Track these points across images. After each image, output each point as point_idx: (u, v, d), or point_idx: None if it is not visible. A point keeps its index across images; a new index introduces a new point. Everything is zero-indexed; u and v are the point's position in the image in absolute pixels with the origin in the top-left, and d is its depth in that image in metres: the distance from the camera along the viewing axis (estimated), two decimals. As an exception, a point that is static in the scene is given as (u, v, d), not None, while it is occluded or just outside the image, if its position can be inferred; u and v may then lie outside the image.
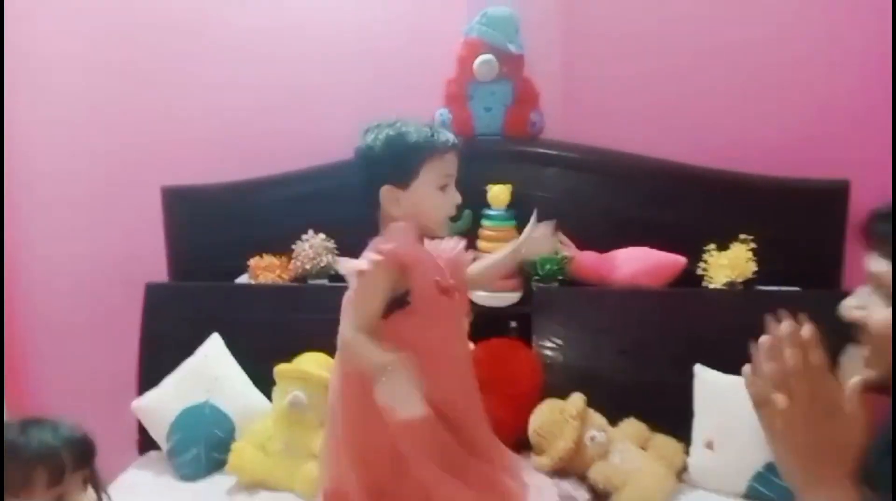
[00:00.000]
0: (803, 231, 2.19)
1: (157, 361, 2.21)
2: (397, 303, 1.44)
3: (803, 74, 2.24)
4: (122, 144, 2.42)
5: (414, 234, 1.49)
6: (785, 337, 0.86)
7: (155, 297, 2.30)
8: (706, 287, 2.14)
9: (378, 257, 1.40)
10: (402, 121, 1.51)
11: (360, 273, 1.42)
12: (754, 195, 2.19)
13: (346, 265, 1.52)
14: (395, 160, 1.47)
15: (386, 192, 1.46)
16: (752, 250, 2.11)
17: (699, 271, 2.17)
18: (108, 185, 2.46)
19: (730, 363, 2.01)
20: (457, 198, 1.52)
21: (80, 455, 1.14)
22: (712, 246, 2.15)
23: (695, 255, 2.17)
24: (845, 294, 1.62)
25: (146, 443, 2.20)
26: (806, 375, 0.84)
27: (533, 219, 1.67)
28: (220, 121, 2.41)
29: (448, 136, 1.51)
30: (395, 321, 1.45)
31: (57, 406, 2.51)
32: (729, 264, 2.11)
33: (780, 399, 0.85)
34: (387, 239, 1.46)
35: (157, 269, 2.39)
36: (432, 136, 1.48)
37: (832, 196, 2.16)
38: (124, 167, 2.44)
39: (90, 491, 1.17)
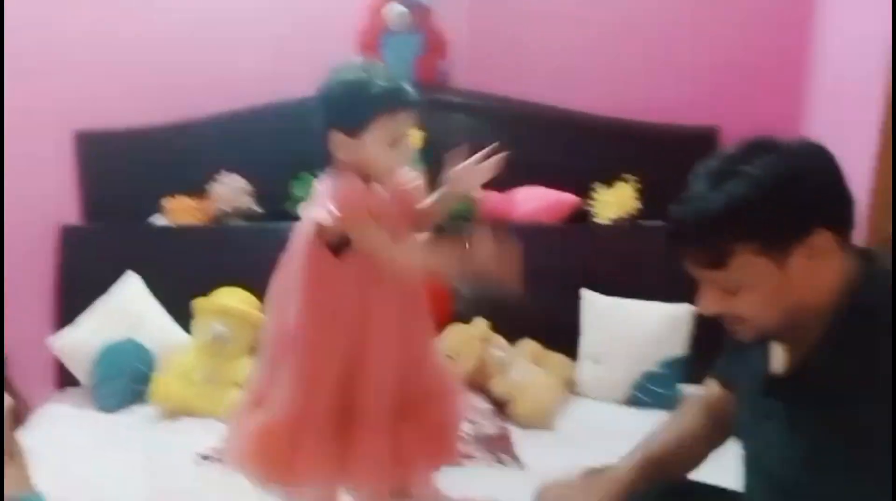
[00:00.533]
0: (680, 172, 2.44)
1: (74, 301, 2.26)
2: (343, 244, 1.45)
3: (687, 29, 2.46)
4: (32, 87, 2.39)
5: (359, 181, 1.44)
6: None
7: (71, 238, 2.33)
8: (596, 222, 2.38)
9: (344, 217, 1.40)
10: (369, 67, 1.45)
11: (347, 227, 1.42)
12: (636, 140, 2.43)
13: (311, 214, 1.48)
14: (348, 109, 1.41)
15: (335, 137, 1.41)
16: (637, 189, 2.36)
17: (588, 208, 2.40)
18: (17, 128, 2.43)
19: (614, 288, 2.29)
20: (408, 154, 1.52)
21: None
22: (600, 186, 2.38)
23: (585, 195, 2.40)
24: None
25: (64, 379, 2.26)
26: None
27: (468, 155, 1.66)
28: (134, 63, 2.41)
29: (409, 93, 1.44)
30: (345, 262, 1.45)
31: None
32: (615, 202, 2.35)
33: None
34: (337, 190, 1.43)
35: (70, 211, 2.40)
36: (391, 91, 1.41)
37: (704, 140, 2.43)
38: (34, 111, 2.41)
39: None
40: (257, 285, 2.06)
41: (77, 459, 1.85)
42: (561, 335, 2.28)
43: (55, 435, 1.98)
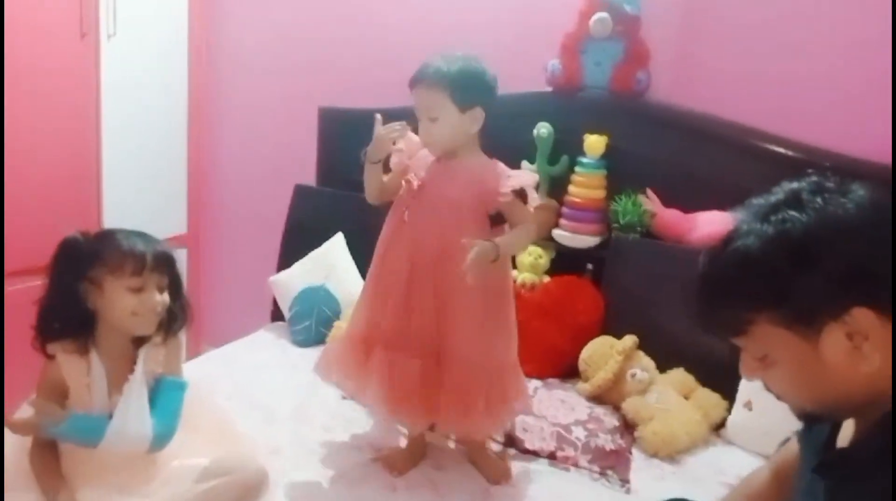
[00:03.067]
0: None
1: (294, 248, 2.71)
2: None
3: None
4: (292, 67, 2.91)
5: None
6: None
7: (300, 196, 2.79)
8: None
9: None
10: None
11: None
12: (839, 174, 2.14)
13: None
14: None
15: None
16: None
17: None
18: (277, 101, 2.98)
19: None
20: (423, 136, 1.74)
21: (162, 263, 1.44)
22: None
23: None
24: None
25: (277, 314, 2.72)
26: None
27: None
28: (377, 53, 2.78)
29: (417, 71, 1.72)
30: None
31: (218, 275, 3.14)
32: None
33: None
34: None
35: (308, 175, 2.87)
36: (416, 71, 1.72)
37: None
38: (293, 87, 2.93)
39: (165, 296, 1.44)
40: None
41: (255, 375, 2.26)
42: (718, 373, 2.12)
43: (250, 355, 2.43)
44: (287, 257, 2.71)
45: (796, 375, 0.86)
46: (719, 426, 2.12)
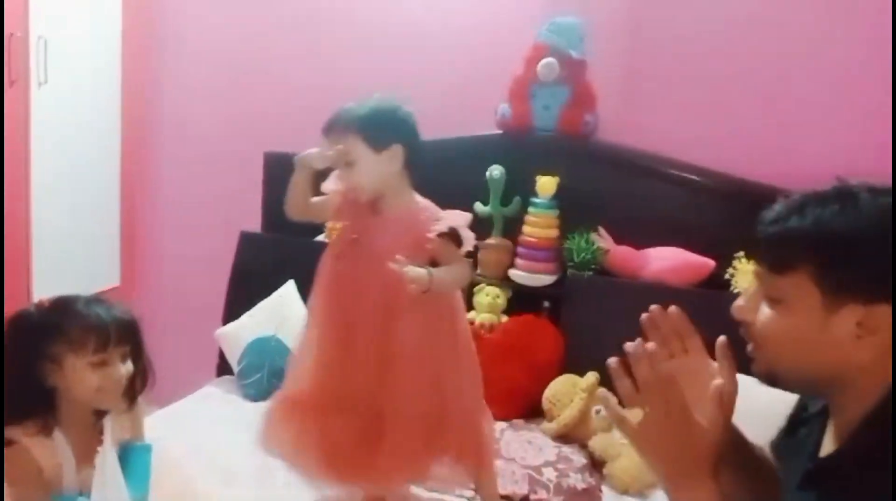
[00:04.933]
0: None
1: (241, 298, 2.61)
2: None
3: (859, 99, 2.29)
4: (234, 112, 2.85)
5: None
6: (638, 352, 1.02)
7: (246, 244, 2.71)
8: (730, 291, 2.25)
9: None
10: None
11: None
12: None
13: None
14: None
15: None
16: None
17: (727, 277, 2.28)
18: (218, 147, 2.91)
19: (741, 365, 2.14)
20: (343, 183, 1.72)
21: (125, 333, 1.36)
22: (742, 254, 2.26)
23: (726, 261, 2.29)
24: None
25: (224, 368, 2.61)
26: (657, 388, 0.99)
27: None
28: (320, 96, 2.76)
29: (339, 116, 1.69)
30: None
31: (158, 329, 3.00)
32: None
33: (632, 414, 1.03)
34: None
35: (254, 220, 2.80)
36: (332, 117, 1.71)
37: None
38: (236, 133, 2.87)
39: (128, 365, 1.36)
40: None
41: (208, 433, 2.14)
42: (677, 404, 2.18)
43: (200, 412, 2.31)
44: (234, 308, 2.62)
45: (794, 330, 0.91)
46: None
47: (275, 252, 2.67)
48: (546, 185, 2.38)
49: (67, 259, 2.64)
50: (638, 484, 2.00)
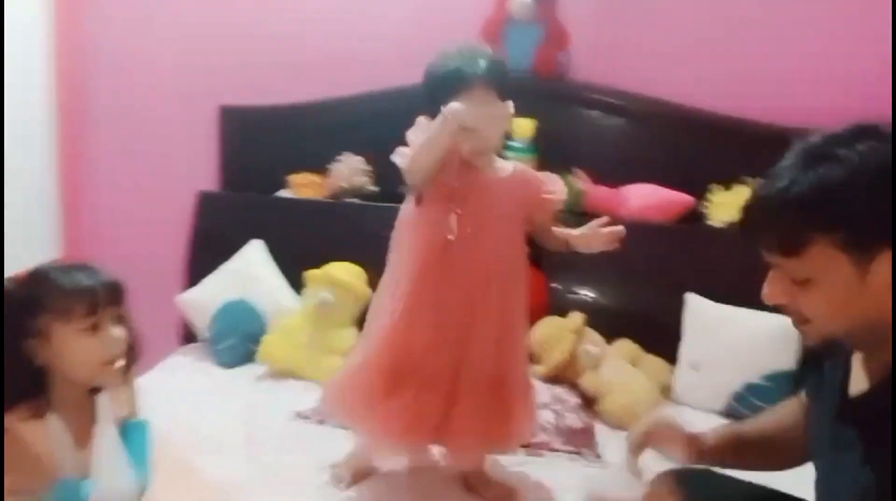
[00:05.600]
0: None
1: (203, 262, 2.48)
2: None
3: (821, 31, 2.32)
4: (183, 64, 2.65)
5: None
6: None
7: (206, 204, 2.56)
8: (707, 224, 2.28)
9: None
10: (460, 47, 1.54)
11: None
12: (759, 142, 2.29)
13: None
14: (427, 92, 1.54)
15: (423, 122, 1.54)
16: (756, 192, 2.23)
17: (703, 210, 2.30)
18: (168, 102, 2.70)
19: (721, 294, 2.19)
20: (488, 138, 1.53)
21: (112, 293, 1.26)
22: (717, 187, 2.28)
23: (700, 196, 2.31)
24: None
25: (188, 335, 2.48)
26: None
27: (597, 223, 1.65)
28: (273, 47, 2.60)
29: (476, 67, 1.49)
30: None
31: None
32: (732, 204, 2.24)
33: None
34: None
35: (210, 180, 2.64)
36: (458, 69, 1.49)
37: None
38: (185, 86, 2.67)
39: (120, 328, 1.27)
40: (367, 260, 2.20)
41: (186, 404, 2.02)
42: (661, 339, 2.22)
43: (172, 383, 2.17)
44: (196, 273, 2.48)
45: (837, 297, 0.88)
46: (667, 389, 2.20)
47: (237, 212, 2.54)
48: (523, 128, 2.33)
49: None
50: (631, 418, 2.01)
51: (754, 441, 1.19)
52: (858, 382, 0.97)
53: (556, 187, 1.67)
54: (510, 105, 1.54)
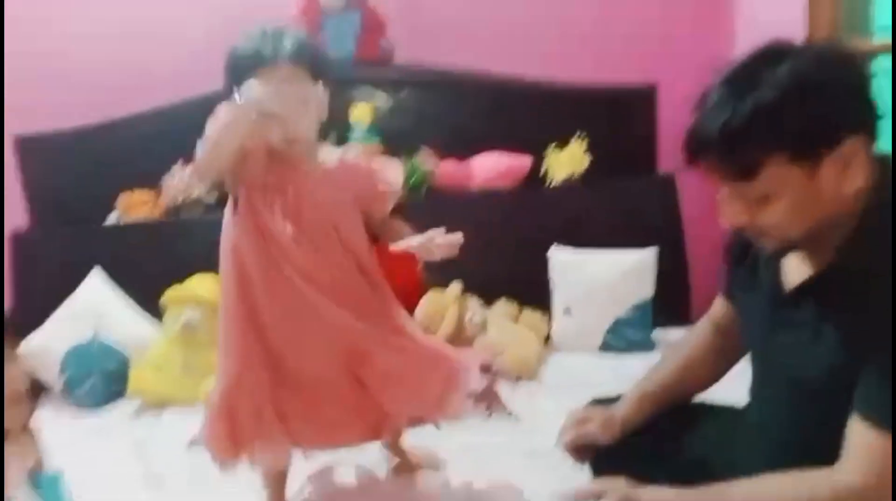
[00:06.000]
0: (623, 129, 2.56)
1: (33, 308, 2.17)
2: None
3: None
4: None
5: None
6: None
7: (24, 246, 2.25)
8: (550, 184, 2.45)
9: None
10: (263, 27, 1.37)
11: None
12: (582, 102, 2.52)
13: None
14: (227, 76, 1.36)
15: (222, 110, 1.31)
16: (587, 147, 2.44)
17: (543, 170, 2.47)
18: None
19: (578, 243, 2.36)
20: (296, 124, 1.35)
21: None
22: (553, 147, 2.46)
23: (538, 157, 2.47)
24: (661, 177, 2.00)
25: (34, 390, 2.15)
26: None
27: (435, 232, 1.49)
28: (67, 62, 2.35)
29: (278, 45, 1.33)
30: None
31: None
32: (568, 161, 2.43)
33: None
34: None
35: (18, 218, 2.32)
36: (257, 48, 1.33)
37: (645, 97, 2.54)
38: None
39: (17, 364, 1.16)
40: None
41: (67, 456, 1.76)
42: (533, 293, 2.34)
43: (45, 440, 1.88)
44: (27, 319, 2.16)
45: (794, 206, 0.94)
46: (546, 338, 2.33)
47: (62, 249, 2.25)
48: (362, 113, 2.34)
49: None
50: (528, 370, 2.12)
51: (670, 390, 1.21)
52: (800, 272, 1.03)
53: (391, 176, 1.54)
54: (320, 88, 1.38)
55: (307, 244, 1.40)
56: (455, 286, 2.25)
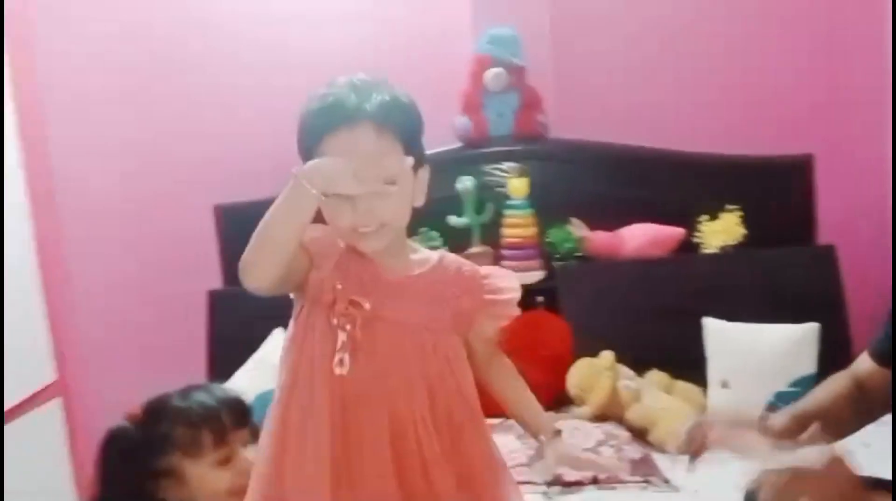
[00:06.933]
0: (779, 200, 2.55)
1: (225, 359, 2.43)
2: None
3: (774, 63, 2.64)
4: (172, 162, 2.67)
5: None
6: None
7: (219, 302, 2.53)
8: (704, 252, 2.47)
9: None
10: (337, 81, 1.04)
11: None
12: (735, 173, 2.55)
13: None
14: (299, 143, 1.05)
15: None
16: (741, 217, 2.45)
17: (695, 240, 2.50)
18: (156, 201, 2.70)
19: (732, 313, 2.35)
20: (372, 207, 1.00)
21: (239, 415, 1.21)
22: (705, 217, 2.48)
23: (689, 227, 2.50)
24: (821, 249, 1.98)
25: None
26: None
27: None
28: (262, 140, 2.66)
29: (348, 100, 1.00)
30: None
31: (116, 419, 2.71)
32: (722, 230, 2.44)
33: None
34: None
35: (210, 277, 2.62)
36: (325, 106, 1.01)
37: (801, 168, 2.53)
38: (173, 184, 2.69)
39: (252, 450, 1.16)
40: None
41: None
42: (686, 364, 2.33)
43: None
44: (219, 371, 2.42)
45: None
46: (701, 410, 2.31)
47: (251, 305, 2.50)
48: (519, 186, 2.48)
49: None
50: (682, 441, 2.12)
51: (815, 415, 1.24)
52: None
53: (505, 283, 1.15)
54: (409, 161, 1.02)
55: (386, 383, 1.03)
56: (607, 355, 2.29)
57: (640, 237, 2.50)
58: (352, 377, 1.01)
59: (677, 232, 2.50)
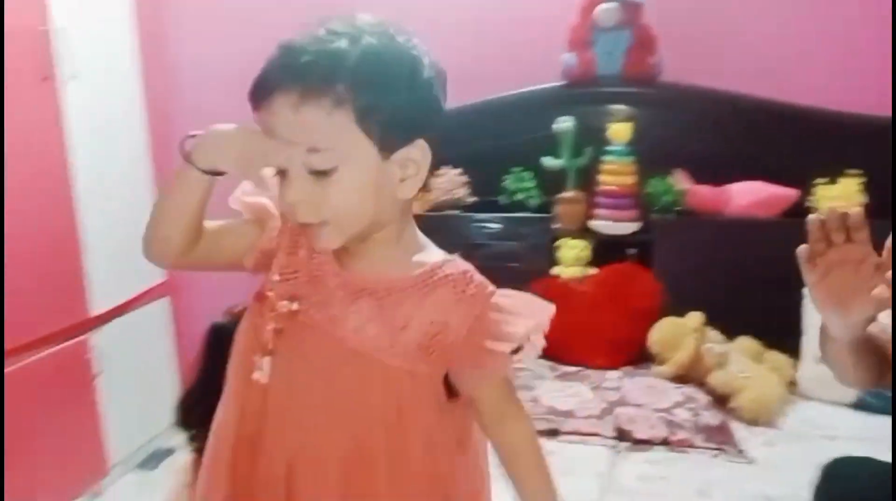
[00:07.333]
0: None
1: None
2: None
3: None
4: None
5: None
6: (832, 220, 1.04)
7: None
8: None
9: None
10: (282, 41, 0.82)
11: None
12: (863, 134, 2.32)
13: None
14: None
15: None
16: (862, 185, 2.24)
17: (808, 204, 2.31)
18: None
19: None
20: (311, 201, 0.80)
21: None
22: (822, 180, 2.29)
23: (804, 190, 2.31)
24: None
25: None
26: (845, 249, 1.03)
27: None
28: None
29: (269, 73, 0.80)
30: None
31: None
32: (839, 196, 2.24)
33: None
34: None
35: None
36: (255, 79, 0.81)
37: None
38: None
39: None
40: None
41: None
42: (780, 334, 2.21)
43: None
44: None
45: None
46: (791, 384, 2.19)
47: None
48: (621, 131, 2.36)
49: (113, 259, 2.47)
50: (767, 414, 2.03)
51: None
52: None
53: (521, 329, 0.85)
54: (360, 140, 0.80)
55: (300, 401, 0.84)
56: (696, 316, 2.20)
57: (749, 196, 2.34)
58: (273, 389, 0.84)
59: (790, 194, 2.32)
